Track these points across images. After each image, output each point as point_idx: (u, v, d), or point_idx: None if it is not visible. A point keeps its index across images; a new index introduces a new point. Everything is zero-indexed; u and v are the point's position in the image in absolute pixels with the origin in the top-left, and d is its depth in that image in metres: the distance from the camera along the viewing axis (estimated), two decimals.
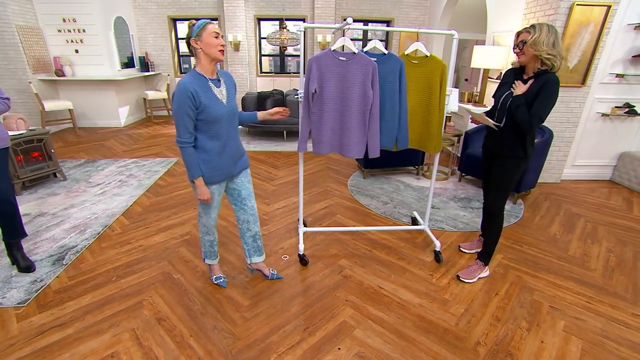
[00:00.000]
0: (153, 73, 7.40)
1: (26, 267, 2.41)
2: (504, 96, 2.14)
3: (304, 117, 2.25)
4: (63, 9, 5.96)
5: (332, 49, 2.16)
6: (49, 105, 5.65)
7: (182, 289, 2.28)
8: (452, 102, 2.52)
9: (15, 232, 2.41)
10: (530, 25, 1.99)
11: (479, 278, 2.41)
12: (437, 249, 2.57)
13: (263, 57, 8.26)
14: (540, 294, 2.28)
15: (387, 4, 7.45)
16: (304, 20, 7.60)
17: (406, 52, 2.39)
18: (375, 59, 2.30)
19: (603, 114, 4.14)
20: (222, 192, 2.04)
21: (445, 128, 4.20)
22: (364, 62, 2.15)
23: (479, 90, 4.63)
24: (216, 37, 1.72)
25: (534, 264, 2.60)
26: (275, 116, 2.11)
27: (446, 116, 4.21)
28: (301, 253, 2.51)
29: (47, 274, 2.39)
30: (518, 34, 2.05)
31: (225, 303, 2.14)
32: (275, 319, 2.03)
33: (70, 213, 3.21)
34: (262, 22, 7.63)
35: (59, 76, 6.03)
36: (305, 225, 3.05)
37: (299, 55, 8.19)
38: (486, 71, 4.43)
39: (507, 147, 2.17)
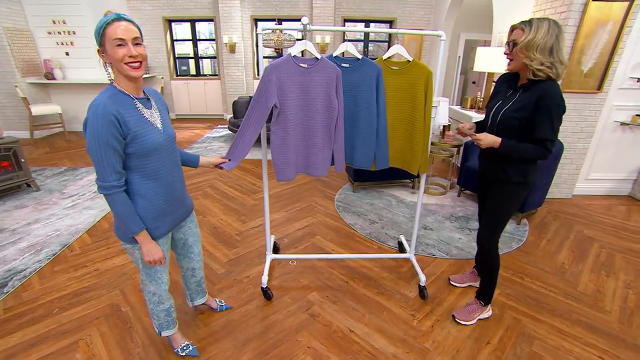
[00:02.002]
0: (148, 76, 7.22)
1: None
2: (494, 108, 1.79)
3: (244, 139, 1.84)
4: (53, 10, 5.81)
5: (292, 54, 1.85)
6: (37, 110, 5.50)
7: (127, 325, 2.01)
8: (441, 114, 2.18)
9: None
10: (527, 20, 1.59)
11: (479, 320, 2.07)
12: (422, 284, 2.24)
13: (265, 60, 8.00)
14: (541, 345, 1.92)
15: (389, 3, 7.10)
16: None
17: (384, 57, 2.06)
18: (347, 65, 1.99)
19: (622, 123, 3.72)
20: (169, 247, 1.62)
21: (444, 137, 3.86)
22: (327, 69, 1.84)
23: (483, 95, 4.25)
24: (120, 45, 1.22)
25: (537, 303, 2.24)
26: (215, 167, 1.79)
27: (444, 125, 3.88)
28: (264, 286, 2.22)
29: None
30: (512, 29, 1.65)
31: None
32: None
33: (31, 229, 3.00)
34: (259, 23, 7.37)
35: (49, 79, 5.90)
36: (277, 249, 2.76)
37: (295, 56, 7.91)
38: (490, 75, 4.05)
39: (501, 170, 1.80)
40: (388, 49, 7.61)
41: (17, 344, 1.89)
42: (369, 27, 7.45)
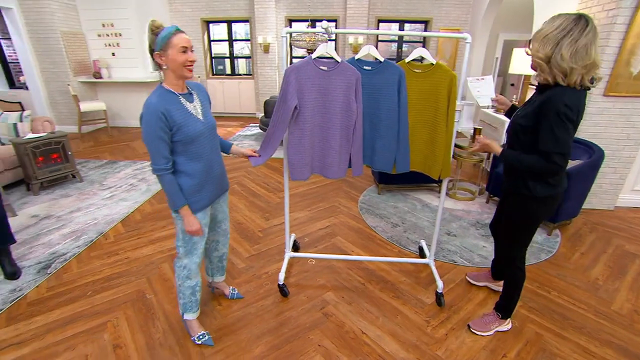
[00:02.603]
0: None
1: (11, 273, 2.42)
2: (514, 114, 1.73)
3: (274, 138, 1.95)
4: (103, 14, 6.24)
5: (313, 57, 1.88)
6: (85, 106, 5.93)
7: (151, 312, 2.14)
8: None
9: (2, 238, 2.42)
10: (551, 17, 1.49)
11: (496, 332, 2.00)
12: (439, 291, 2.19)
13: (294, 60, 8.12)
14: None
15: (425, 3, 6.95)
16: (335, 21, 7.33)
17: (407, 60, 2.04)
18: (369, 68, 1.99)
19: None
20: (208, 223, 1.79)
21: (474, 141, 3.74)
22: (347, 72, 1.86)
23: (518, 98, 4.06)
24: (184, 52, 1.47)
25: (562, 319, 2.13)
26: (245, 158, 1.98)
27: (475, 128, 3.76)
28: (281, 283, 2.27)
29: (28, 283, 2.37)
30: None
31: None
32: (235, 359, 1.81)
33: (73, 217, 3.25)
34: (293, 23, 7.48)
35: (96, 78, 6.34)
36: (297, 248, 2.80)
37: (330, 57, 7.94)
38: (527, 77, 3.87)
39: (510, 180, 1.74)
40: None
41: (55, 320, 2.06)
42: (403, 28, 7.34)
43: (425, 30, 7.24)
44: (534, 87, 4.13)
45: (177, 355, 1.84)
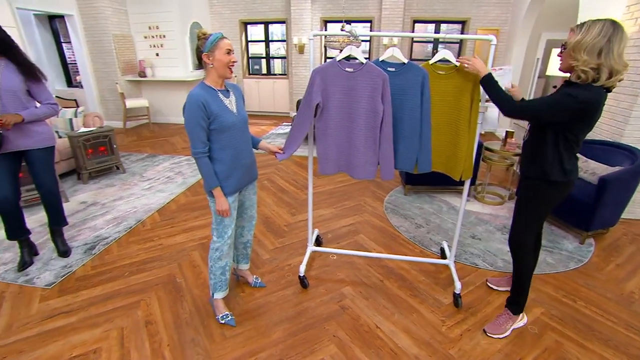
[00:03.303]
0: None
1: (63, 252, 2.69)
2: None
3: (296, 135, 2.06)
4: (150, 18, 6.67)
5: (338, 59, 1.95)
6: (130, 103, 6.37)
7: (180, 294, 2.31)
8: (491, 119, 2.09)
9: (58, 220, 2.69)
10: (582, 22, 1.53)
11: (514, 330, 1.99)
12: (457, 292, 2.19)
13: (328, 60, 8.21)
14: None
15: (463, 3, 6.79)
16: (370, 22, 7.34)
17: (432, 62, 2.06)
18: (393, 69, 2.04)
19: None
20: (236, 207, 1.96)
21: (505, 145, 3.65)
22: (373, 73, 1.91)
23: None
24: (228, 53, 1.71)
25: (587, 329, 2.06)
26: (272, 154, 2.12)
27: (507, 131, 3.66)
28: (301, 275, 2.36)
29: (76, 261, 2.63)
30: (571, 30, 1.60)
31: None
32: (253, 343, 1.93)
33: (115, 205, 3.53)
34: (328, 24, 7.58)
35: (141, 77, 6.78)
36: (320, 243, 2.89)
37: (368, 58, 7.97)
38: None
39: (525, 163, 1.82)
40: (459, 51, 7.32)
41: (98, 295, 2.29)
42: (439, 29, 7.22)
43: (462, 31, 7.08)
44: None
45: (201, 334, 1.98)
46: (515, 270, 1.95)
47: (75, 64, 6.82)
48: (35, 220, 3.15)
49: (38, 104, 2.38)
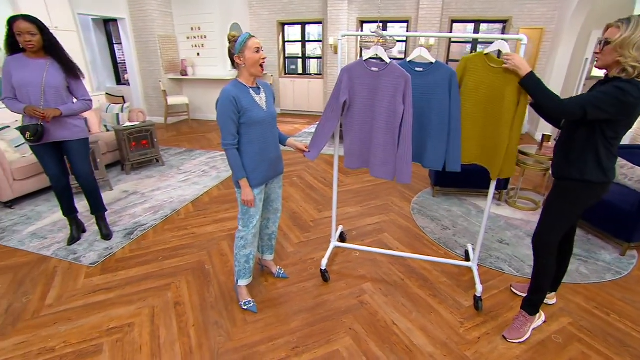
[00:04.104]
0: None
1: (106, 235, 2.93)
2: None
3: (323, 132, 2.13)
4: (193, 19, 7.02)
5: (365, 58, 1.99)
6: (171, 100, 6.75)
7: (207, 280, 2.45)
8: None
9: (97, 207, 2.93)
10: (625, 18, 1.47)
11: (533, 329, 1.95)
12: (478, 295, 2.15)
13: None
14: None
15: (504, 1, 6.53)
16: (407, 22, 7.26)
17: (486, 51, 1.94)
18: (421, 69, 2.04)
19: None
20: (262, 199, 2.05)
21: (541, 149, 3.50)
22: (396, 74, 1.92)
23: None
24: (257, 52, 1.79)
25: (619, 344, 1.95)
26: (299, 152, 2.20)
27: (544, 135, 3.51)
28: (323, 268, 2.42)
29: (117, 244, 2.86)
30: (607, 27, 1.54)
31: (235, 302, 2.21)
32: (272, 329, 2.01)
33: (154, 195, 3.77)
34: (365, 25, 7.58)
35: (182, 75, 7.16)
36: (344, 239, 2.93)
37: (402, 59, 7.88)
38: None
39: (557, 163, 1.76)
40: (499, 52, 7.05)
41: (134, 276, 2.48)
42: (479, 29, 7.00)
43: (504, 31, 6.82)
44: None
45: (224, 317, 2.10)
46: (535, 270, 1.90)
47: (125, 63, 7.32)
48: (84, 205, 3.44)
49: (75, 100, 2.61)
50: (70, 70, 2.47)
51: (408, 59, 2.07)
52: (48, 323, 2.06)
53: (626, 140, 3.66)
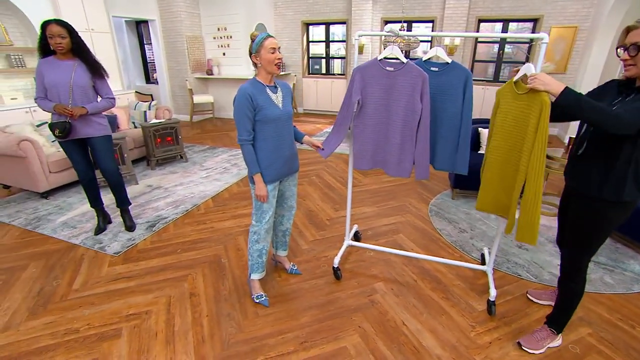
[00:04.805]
0: (283, 73, 8.20)
1: (129, 227, 3.07)
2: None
3: (338, 131, 2.14)
4: (219, 20, 7.20)
5: (379, 58, 1.99)
6: (197, 99, 6.96)
7: (222, 273, 2.52)
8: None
9: (122, 201, 3.07)
10: None
11: (548, 348, 1.88)
12: (492, 299, 2.10)
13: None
14: None
15: None
16: (432, 22, 7.14)
17: (516, 78, 1.77)
18: (436, 69, 2.03)
19: None
20: (275, 195, 2.09)
21: (567, 153, 3.36)
22: (413, 73, 1.92)
23: None
24: (272, 52, 1.83)
25: None
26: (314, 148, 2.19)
27: (570, 138, 3.37)
28: (335, 266, 2.44)
29: (139, 235, 2.99)
30: (627, 30, 1.41)
31: (248, 296, 2.27)
32: (282, 323, 2.05)
33: (176, 190, 3.91)
34: (389, 25, 7.52)
35: (208, 75, 7.35)
36: (359, 238, 2.94)
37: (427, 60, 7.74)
38: None
39: (585, 181, 1.56)
40: (529, 51, 6.81)
41: (153, 266, 2.59)
42: (507, 28, 6.79)
43: (534, 30, 6.58)
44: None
45: (237, 309, 2.16)
46: (565, 295, 1.78)
47: (154, 63, 7.61)
48: (110, 198, 3.61)
49: (100, 98, 2.74)
50: (96, 71, 2.61)
51: (424, 58, 2.06)
52: (74, 306, 2.19)
53: None
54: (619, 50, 1.45)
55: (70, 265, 2.60)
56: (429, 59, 2.06)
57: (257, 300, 2.20)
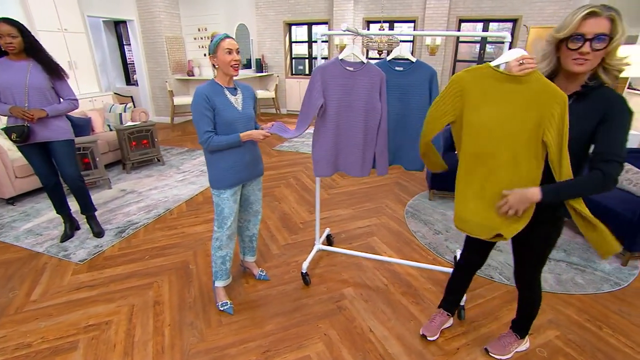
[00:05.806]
0: (266, 74, 8.14)
1: (97, 233, 2.97)
2: None
3: (300, 126, 2.04)
4: (199, 20, 7.09)
5: (340, 57, 1.95)
6: (177, 100, 6.83)
7: (189, 280, 2.44)
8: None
9: (86, 208, 2.96)
10: (606, 6, 1.14)
11: (515, 352, 1.85)
12: (461, 303, 2.07)
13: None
14: None
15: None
16: (414, 22, 7.15)
17: (493, 64, 1.36)
18: (401, 69, 1.99)
19: None
20: (237, 200, 2.02)
21: None
22: (372, 72, 1.88)
23: None
24: (229, 53, 1.77)
25: None
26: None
27: None
28: (304, 271, 2.38)
29: (107, 242, 2.89)
30: (586, 16, 1.15)
31: (213, 303, 2.20)
32: (246, 332, 1.99)
33: (150, 194, 3.81)
34: (370, 25, 7.51)
35: (189, 76, 7.23)
36: (331, 242, 2.89)
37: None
38: (624, 80, 3.32)
39: (541, 209, 1.37)
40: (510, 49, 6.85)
41: (119, 274, 2.50)
42: (487, 29, 6.84)
43: (513, 31, 6.63)
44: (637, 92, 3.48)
45: (200, 318, 2.09)
46: (530, 302, 1.73)
47: (134, 64, 7.46)
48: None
49: (61, 100, 2.64)
50: (53, 71, 2.50)
51: (388, 58, 2.03)
52: (29, 319, 2.09)
53: (634, 143, 3.49)
54: (573, 40, 1.19)
55: (30, 274, 2.50)
56: (393, 58, 2.02)
57: (222, 308, 2.13)
